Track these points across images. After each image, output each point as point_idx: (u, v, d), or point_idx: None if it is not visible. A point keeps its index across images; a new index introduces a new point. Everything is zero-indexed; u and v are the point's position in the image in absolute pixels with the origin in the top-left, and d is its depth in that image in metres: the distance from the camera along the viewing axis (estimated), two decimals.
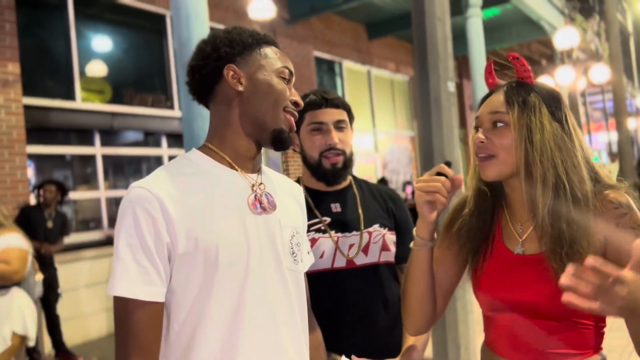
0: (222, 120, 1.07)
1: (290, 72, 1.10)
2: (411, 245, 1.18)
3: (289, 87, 1.09)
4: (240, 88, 1.05)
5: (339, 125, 1.50)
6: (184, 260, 0.95)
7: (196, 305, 0.95)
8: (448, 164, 1.12)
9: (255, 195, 1.05)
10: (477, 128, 1.14)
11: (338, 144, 1.48)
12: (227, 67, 1.05)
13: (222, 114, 1.07)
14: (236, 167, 1.06)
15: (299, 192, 1.22)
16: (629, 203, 1.04)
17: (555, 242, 1.04)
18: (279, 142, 1.07)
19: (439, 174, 1.11)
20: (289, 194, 1.16)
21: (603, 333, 1.09)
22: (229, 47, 1.06)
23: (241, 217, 1.01)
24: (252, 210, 1.03)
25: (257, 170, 1.10)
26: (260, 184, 1.07)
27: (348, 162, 1.51)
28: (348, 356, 1.40)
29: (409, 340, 1.46)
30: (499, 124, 1.09)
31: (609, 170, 1.13)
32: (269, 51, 1.09)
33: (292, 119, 1.08)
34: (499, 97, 1.11)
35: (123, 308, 0.92)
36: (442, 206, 1.11)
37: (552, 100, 1.10)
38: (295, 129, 1.09)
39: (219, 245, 0.96)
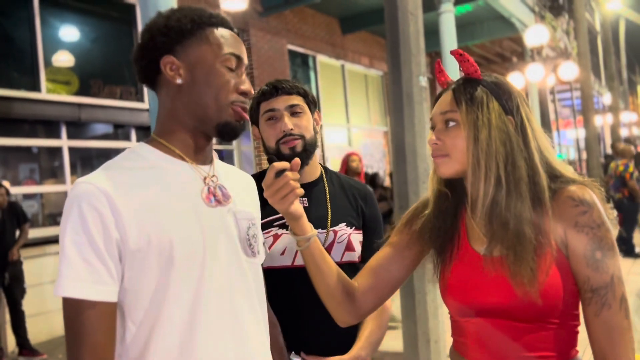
0: (167, 113, 1.02)
1: (238, 58, 1.02)
2: (297, 247, 1.19)
3: (238, 74, 1.02)
4: (179, 80, 0.98)
5: (293, 110, 1.46)
6: (136, 257, 0.90)
7: (153, 304, 0.92)
8: (272, 159, 1.13)
9: (209, 187, 1.01)
10: (433, 128, 1.13)
11: (294, 130, 1.43)
12: (164, 60, 0.98)
13: (166, 106, 1.02)
14: (187, 159, 1.01)
15: (251, 182, 1.19)
16: (591, 200, 1.01)
17: (500, 241, 1.03)
18: (226, 134, 1.01)
19: (278, 174, 1.10)
20: (242, 185, 1.13)
21: (577, 332, 1.07)
22: (165, 36, 0.98)
23: (195, 210, 0.97)
24: (207, 204, 0.99)
25: (208, 161, 1.06)
26: (213, 176, 1.03)
27: (309, 147, 1.46)
28: (297, 353, 1.38)
29: (361, 338, 1.43)
30: (451, 123, 1.08)
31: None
32: (214, 36, 1.00)
33: (242, 110, 1.02)
34: (448, 96, 1.11)
35: (73, 309, 0.87)
36: (299, 195, 1.12)
37: (502, 92, 1.08)
38: (246, 117, 1.03)
39: (173, 241, 0.92)
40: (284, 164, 1.10)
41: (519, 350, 1.04)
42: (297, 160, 1.12)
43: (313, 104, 1.52)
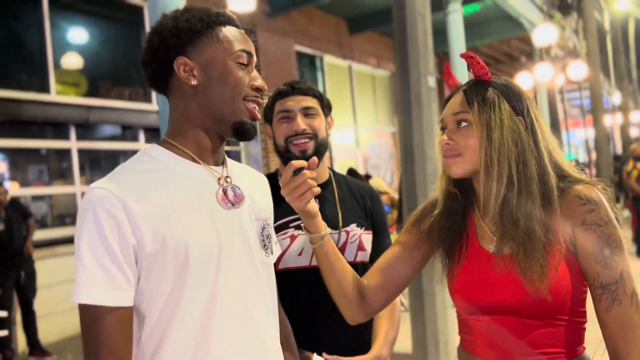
0: (181, 115, 1.02)
1: (249, 54, 1.02)
2: (311, 244, 1.20)
3: (249, 71, 1.02)
4: (194, 82, 0.98)
5: (307, 112, 1.47)
6: (152, 260, 0.91)
7: (168, 306, 0.92)
8: (291, 157, 1.13)
9: (223, 189, 1.01)
10: (443, 129, 1.14)
11: (306, 130, 1.44)
12: (177, 61, 0.98)
13: (179, 108, 1.02)
14: (200, 161, 1.01)
15: (264, 182, 1.19)
16: (598, 199, 1.03)
17: (511, 238, 1.04)
18: (242, 134, 1.01)
19: (295, 172, 1.10)
20: (255, 186, 1.13)
21: (584, 329, 1.08)
22: (176, 38, 0.98)
23: (210, 213, 0.97)
24: (222, 205, 0.99)
25: (221, 162, 1.06)
26: (227, 177, 1.03)
27: (321, 147, 1.47)
28: (319, 354, 1.39)
29: (379, 338, 1.45)
30: (463, 124, 1.10)
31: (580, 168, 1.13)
32: (223, 34, 1.01)
33: (255, 107, 1.02)
34: (459, 97, 1.12)
35: (90, 315, 0.88)
36: (315, 194, 1.12)
37: (512, 94, 1.10)
38: (258, 117, 1.03)
39: (189, 243, 0.92)
40: (301, 163, 1.10)
41: (528, 347, 1.05)
42: (314, 159, 1.12)
43: (328, 107, 1.54)
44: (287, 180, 1.10)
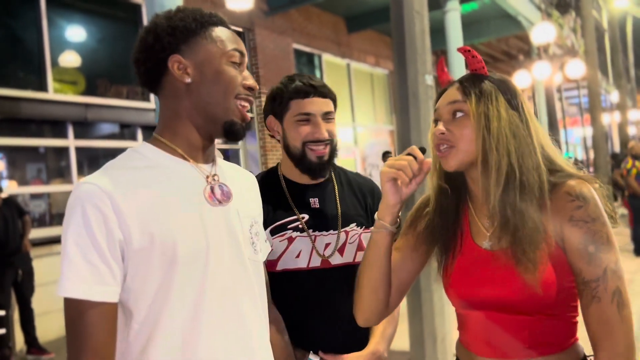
0: (173, 113, 1.03)
1: (241, 54, 1.04)
2: (371, 228, 1.17)
3: (240, 70, 1.04)
4: (188, 79, 1.00)
5: (327, 117, 1.44)
6: (139, 256, 0.91)
7: (156, 303, 0.93)
8: (423, 150, 1.13)
9: (211, 186, 1.02)
10: (436, 121, 1.14)
11: (327, 137, 1.42)
12: (171, 59, 0.99)
13: (171, 106, 1.03)
14: (189, 158, 1.02)
15: (253, 181, 1.20)
16: (588, 195, 1.03)
17: (508, 232, 1.05)
18: (231, 134, 1.03)
19: (409, 154, 1.11)
20: (244, 184, 1.14)
21: (576, 323, 1.10)
22: (171, 36, 1.00)
23: (198, 209, 0.98)
24: (210, 203, 1.00)
25: (210, 160, 1.07)
26: (214, 175, 1.04)
27: (333, 154, 1.46)
28: (315, 352, 1.39)
29: (376, 334, 1.45)
30: (459, 114, 1.09)
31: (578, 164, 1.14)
32: (216, 34, 1.02)
33: (244, 108, 1.04)
34: (455, 89, 1.12)
35: (75, 309, 0.88)
36: (407, 189, 1.11)
37: (507, 89, 1.11)
38: (248, 118, 1.05)
39: (177, 240, 0.93)
40: (418, 154, 1.10)
41: (520, 343, 1.06)
42: (429, 162, 1.12)
43: (336, 106, 1.51)
44: (399, 155, 1.12)
